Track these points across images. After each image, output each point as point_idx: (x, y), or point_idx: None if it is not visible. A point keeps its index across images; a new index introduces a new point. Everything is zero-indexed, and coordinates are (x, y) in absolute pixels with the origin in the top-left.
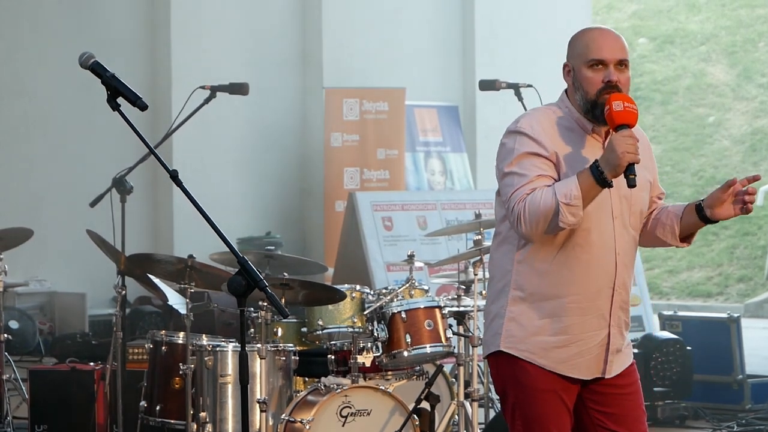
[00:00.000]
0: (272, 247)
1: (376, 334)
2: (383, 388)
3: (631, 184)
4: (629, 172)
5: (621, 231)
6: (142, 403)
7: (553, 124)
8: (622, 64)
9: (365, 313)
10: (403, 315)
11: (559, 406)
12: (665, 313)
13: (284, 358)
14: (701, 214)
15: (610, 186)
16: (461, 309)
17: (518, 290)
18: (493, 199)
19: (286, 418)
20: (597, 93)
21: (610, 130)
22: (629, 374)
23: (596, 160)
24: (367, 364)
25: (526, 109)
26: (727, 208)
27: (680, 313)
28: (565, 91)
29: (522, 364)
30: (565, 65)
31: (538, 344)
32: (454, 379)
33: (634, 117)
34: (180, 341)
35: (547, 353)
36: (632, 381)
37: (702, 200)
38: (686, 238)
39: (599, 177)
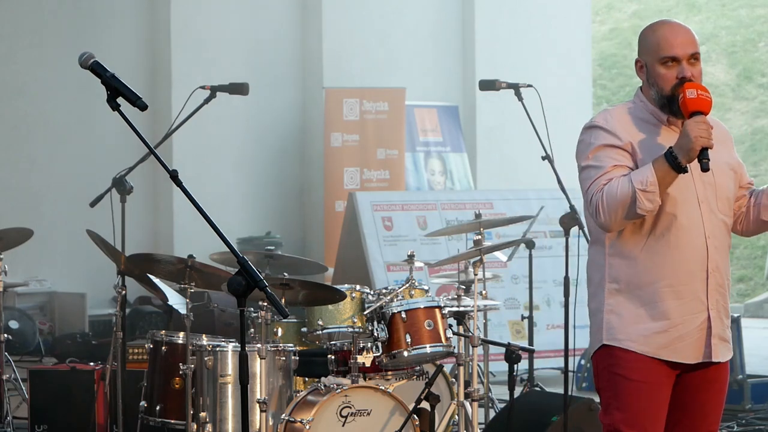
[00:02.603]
0: (272, 247)
1: (376, 334)
2: (383, 388)
3: (705, 168)
4: (702, 156)
5: (709, 215)
6: (142, 403)
7: (627, 117)
8: (694, 57)
9: (365, 313)
10: (403, 315)
11: (656, 400)
12: None
13: (284, 358)
14: None
15: (685, 171)
16: (461, 309)
17: (613, 283)
18: (493, 200)
19: (286, 418)
20: (672, 89)
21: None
22: (719, 372)
23: (671, 147)
24: (367, 364)
25: (526, 110)
26: None
27: None
28: (640, 87)
29: (619, 355)
30: (637, 61)
31: (638, 332)
32: (454, 379)
33: (708, 104)
34: (180, 341)
35: (647, 340)
36: (719, 379)
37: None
38: None
39: (674, 162)
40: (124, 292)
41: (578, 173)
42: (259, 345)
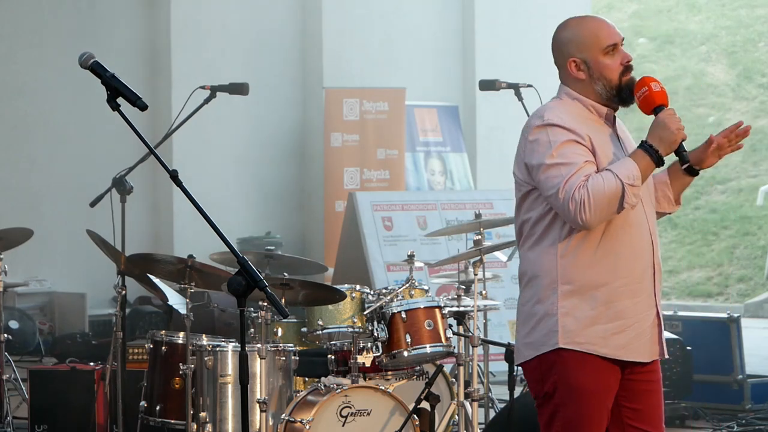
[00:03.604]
0: (272, 247)
1: (376, 334)
2: (383, 388)
3: (686, 160)
4: (681, 148)
5: (649, 210)
6: (142, 403)
7: (573, 113)
8: (622, 42)
9: (365, 313)
10: (403, 315)
11: (602, 409)
12: (665, 313)
13: (284, 358)
14: (690, 171)
15: (663, 164)
16: (461, 309)
17: (567, 284)
18: (493, 200)
19: (286, 418)
20: (619, 77)
21: (647, 112)
22: (658, 369)
23: (645, 141)
24: (367, 364)
25: (526, 110)
26: (711, 159)
27: (680, 313)
28: (565, 85)
29: (573, 361)
30: (571, 61)
31: (596, 334)
32: (454, 379)
33: (667, 97)
34: (180, 341)
35: (606, 341)
36: (659, 377)
37: (683, 158)
38: (677, 199)
39: (656, 155)
40: (124, 292)
41: (537, 174)
42: (259, 345)
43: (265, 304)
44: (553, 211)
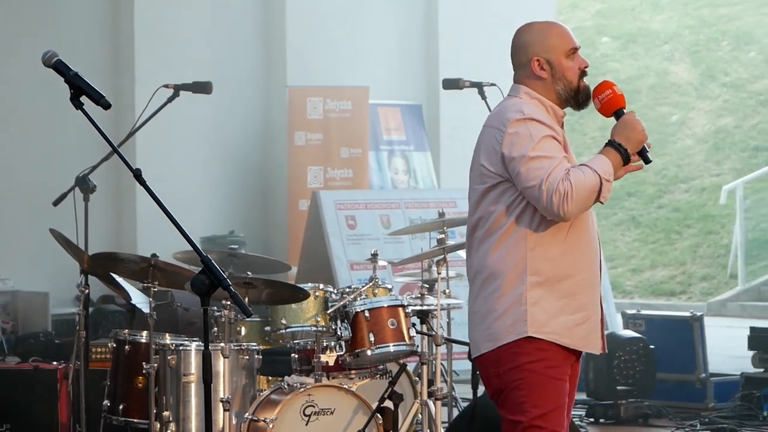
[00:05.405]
0: (235, 246)
1: (339, 333)
2: (346, 387)
3: (650, 160)
4: (644, 149)
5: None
6: (105, 402)
7: (542, 111)
8: None
9: (328, 312)
10: (367, 314)
11: (564, 393)
12: (628, 311)
13: (247, 357)
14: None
15: (629, 162)
16: (424, 308)
17: (535, 275)
18: (457, 198)
19: (250, 417)
20: (577, 80)
21: (607, 114)
22: (580, 364)
23: (614, 140)
24: (331, 363)
25: (489, 108)
26: None
27: (643, 312)
28: (524, 86)
29: (540, 350)
30: (536, 60)
31: (561, 324)
32: (417, 378)
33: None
34: (143, 340)
35: (570, 332)
36: (578, 372)
37: (646, 159)
38: None
39: (625, 154)
40: (87, 291)
41: (516, 164)
42: (222, 344)
43: (229, 303)
44: (522, 204)
